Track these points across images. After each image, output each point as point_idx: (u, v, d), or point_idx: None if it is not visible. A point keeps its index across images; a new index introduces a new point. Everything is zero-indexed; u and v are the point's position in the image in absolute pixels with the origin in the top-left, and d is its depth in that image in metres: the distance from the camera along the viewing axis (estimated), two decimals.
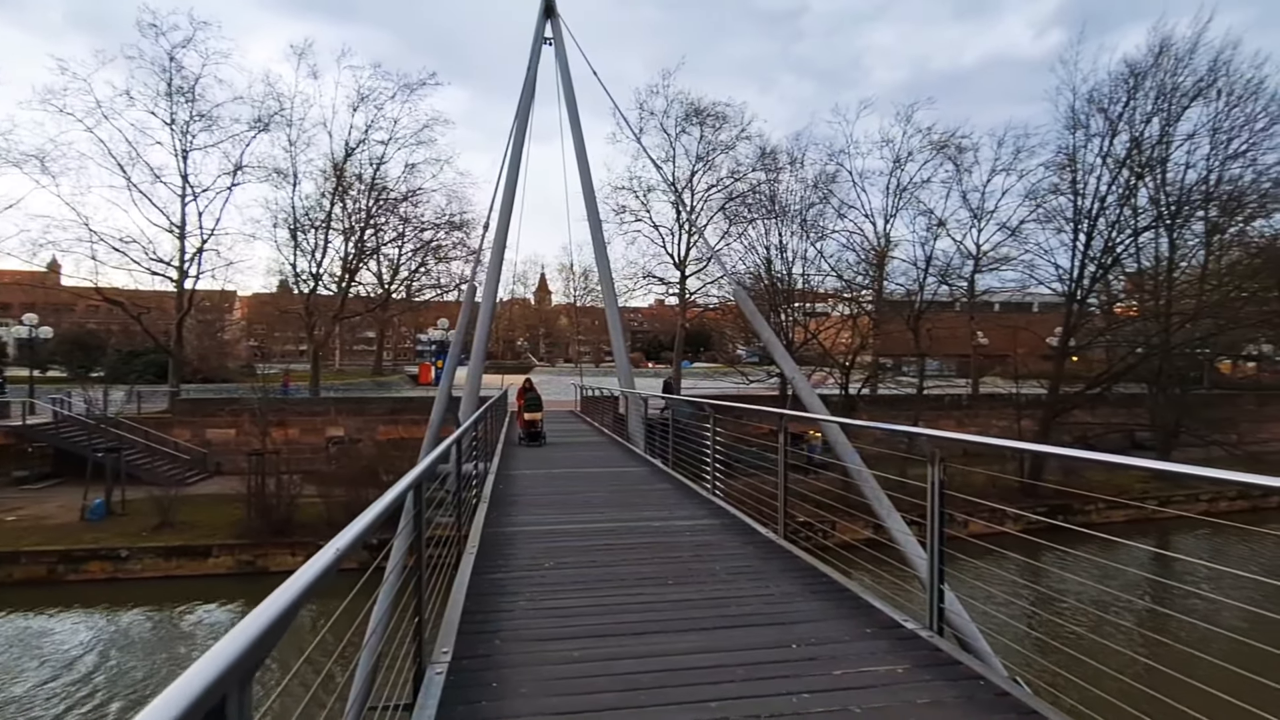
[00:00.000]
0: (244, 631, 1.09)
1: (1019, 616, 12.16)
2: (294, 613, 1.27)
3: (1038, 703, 2.97)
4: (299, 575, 1.38)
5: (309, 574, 1.40)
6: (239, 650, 1.03)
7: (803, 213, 29.87)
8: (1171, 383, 26.03)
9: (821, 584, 4.66)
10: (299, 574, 1.38)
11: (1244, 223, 27.90)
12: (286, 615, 1.22)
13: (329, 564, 1.50)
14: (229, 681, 0.98)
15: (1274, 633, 3.84)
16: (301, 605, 1.31)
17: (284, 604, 1.23)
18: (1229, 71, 24.78)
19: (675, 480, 9.52)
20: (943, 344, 33.22)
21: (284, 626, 1.21)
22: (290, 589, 1.29)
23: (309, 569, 1.42)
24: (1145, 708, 3.17)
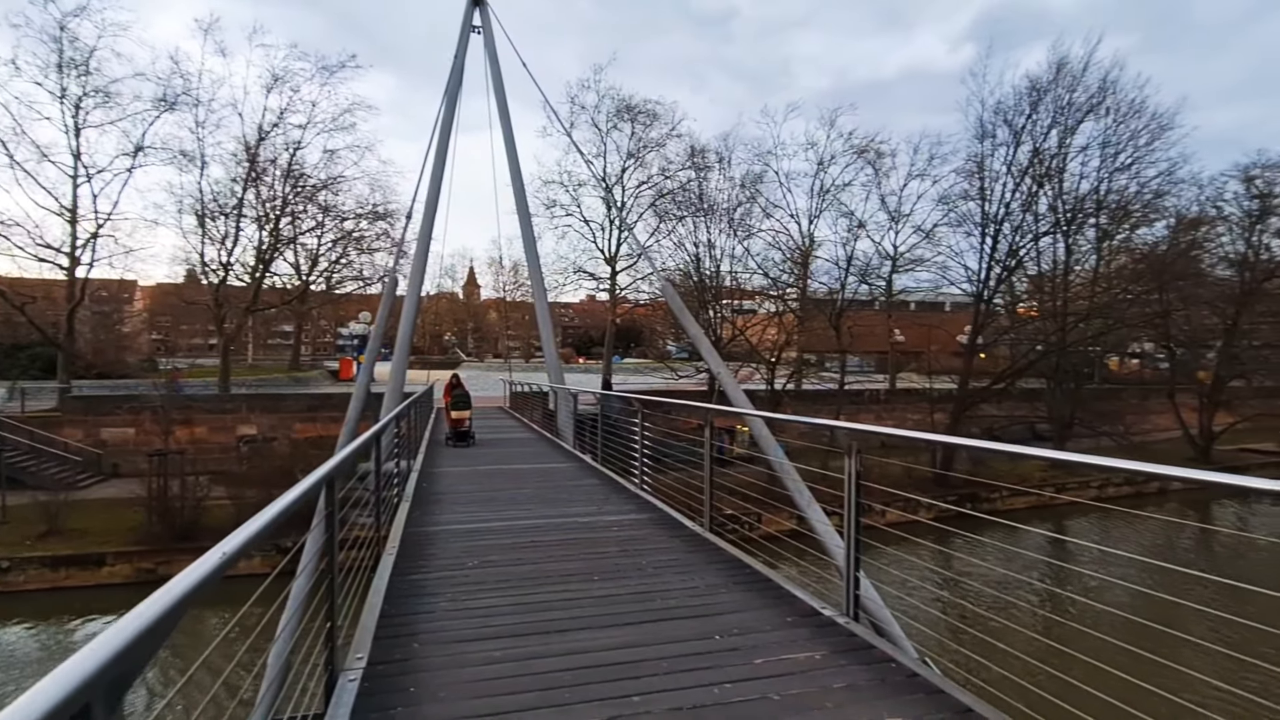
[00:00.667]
0: (113, 637, 1.01)
1: (931, 601, 12.81)
2: (172, 620, 1.17)
3: (944, 682, 3.12)
4: (178, 580, 1.27)
5: (189, 579, 1.29)
6: (106, 656, 0.96)
7: (731, 211, 30.42)
8: (1067, 378, 27.96)
9: (745, 575, 4.74)
10: (178, 579, 1.28)
11: (1130, 230, 30.32)
12: (162, 622, 1.13)
13: (213, 569, 1.39)
14: (94, 688, 0.92)
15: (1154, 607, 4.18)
16: (181, 612, 1.21)
17: (159, 610, 1.13)
18: (1116, 90, 26.89)
19: (604, 476, 9.50)
20: (863, 341, 34.54)
21: (161, 634, 1.12)
22: (167, 595, 1.19)
23: (190, 574, 1.32)
24: (1044, 683, 3.37)
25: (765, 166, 30.78)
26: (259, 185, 29.24)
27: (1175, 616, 2.87)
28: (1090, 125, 27.43)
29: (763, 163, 30.76)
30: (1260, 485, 1.75)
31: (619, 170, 30.85)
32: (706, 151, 30.84)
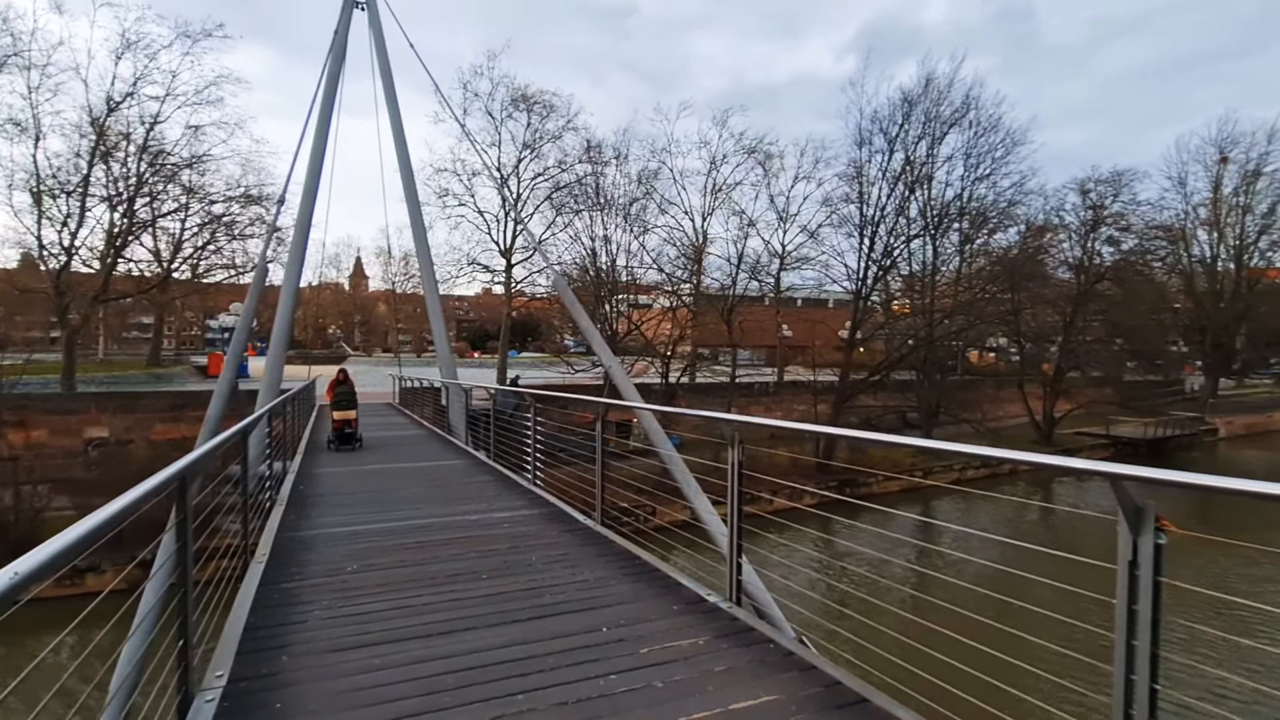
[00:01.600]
0: None
1: (810, 583, 13.53)
2: None
3: (817, 659, 3.31)
4: None
5: None
6: None
7: (627, 207, 30.63)
8: (934, 370, 30.31)
9: (634, 567, 4.82)
10: None
11: (988, 235, 33.32)
12: None
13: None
14: None
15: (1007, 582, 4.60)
16: None
17: None
18: (977, 106, 29.43)
19: (497, 472, 9.34)
20: (753, 335, 35.91)
21: None
22: None
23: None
24: (907, 654, 3.64)
25: (661, 163, 31.27)
26: (109, 161, 26.33)
27: (1021, 587, 3.17)
28: (955, 137, 29.90)
29: (658, 160, 31.23)
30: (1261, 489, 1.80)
31: (515, 161, 30.28)
32: (603, 146, 30.91)
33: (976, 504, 23.48)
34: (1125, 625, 2.21)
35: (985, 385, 36.44)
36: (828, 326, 33.58)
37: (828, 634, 6.74)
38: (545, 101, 29.62)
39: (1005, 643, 3.38)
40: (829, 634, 6.76)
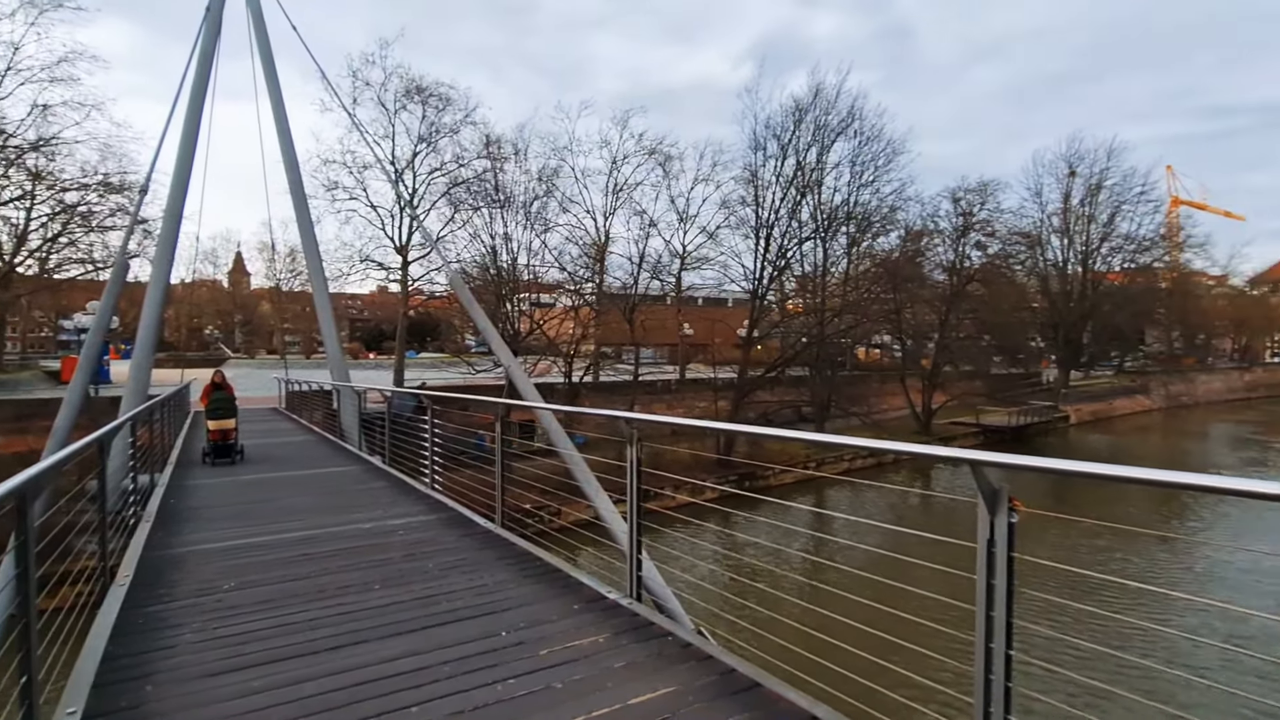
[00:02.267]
0: None
1: (711, 575, 13.90)
2: None
3: (714, 649, 3.41)
4: None
5: None
6: None
7: (528, 204, 30.22)
8: (825, 366, 31.89)
9: (535, 568, 4.78)
10: None
11: (872, 239, 35.40)
12: None
13: None
14: None
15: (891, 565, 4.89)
16: None
17: None
18: (861, 117, 31.27)
19: (392, 478, 8.98)
20: (655, 334, 36.42)
21: None
22: None
23: None
24: (803, 641, 3.81)
25: (562, 161, 31.07)
26: None
27: (902, 569, 3.39)
28: (842, 145, 31.62)
29: (559, 158, 31.01)
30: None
31: (410, 155, 29.15)
32: (503, 142, 30.32)
33: (864, 492, 24.92)
34: (984, 598, 2.41)
35: (872, 380, 38.70)
36: (727, 325, 34.56)
37: (726, 624, 6.95)
38: (441, 94, 28.71)
39: (887, 622, 3.60)
40: (727, 624, 6.97)
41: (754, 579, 12.35)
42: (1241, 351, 68.15)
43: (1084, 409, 44.30)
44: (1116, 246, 47.40)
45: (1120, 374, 54.72)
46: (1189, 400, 53.62)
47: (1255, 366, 65.73)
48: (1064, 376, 46.10)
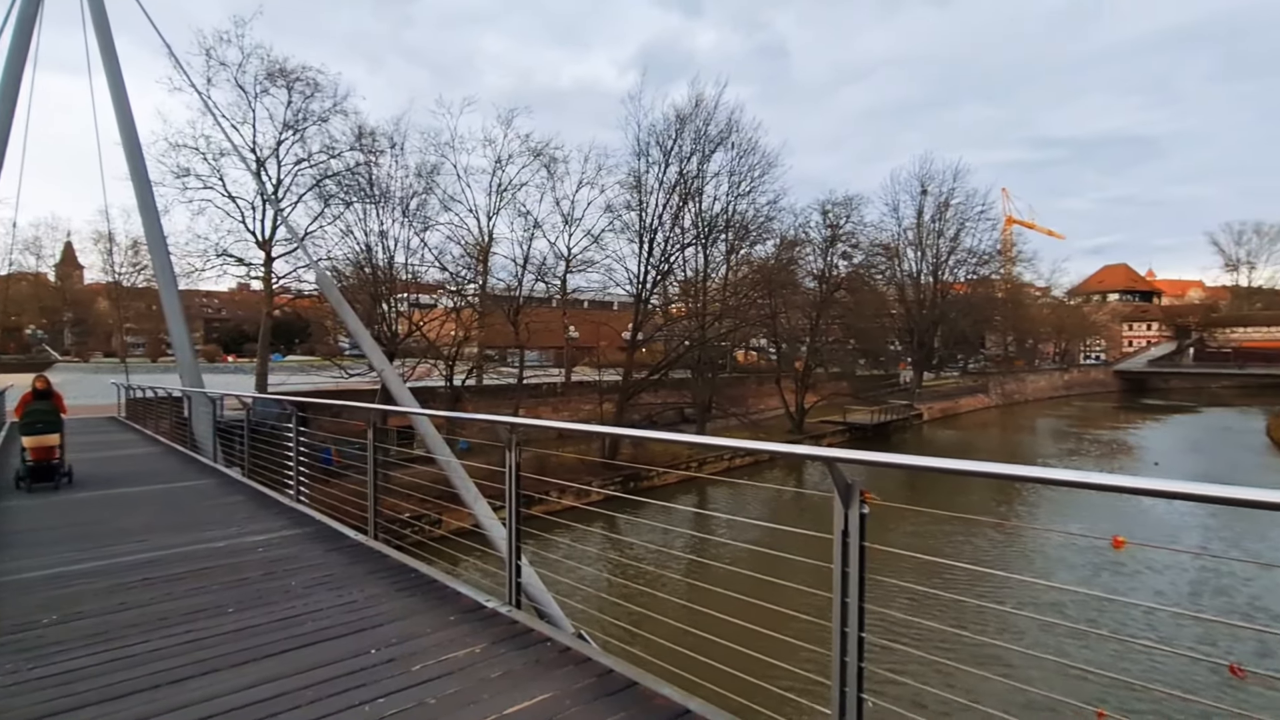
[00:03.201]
0: None
1: (593, 578, 13.97)
2: None
3: (593, 651, 3.45)
4: None
5: None
6: None
7: (406, 201, 29.01)
8: (707, 369, 32.93)
9: (409, 580, 4.61)
10: None
11: (750, 246, 37.00)
12: None
13: None
14: None
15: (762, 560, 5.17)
16: None
17: None
18: (739, 129, 32.61)
19: (251, 491, 8.33)
20: (541, 337, 36.04)
21: None
22: None
23: None
24: (679, 638, 3.91)
25: (443, 158, 30.09)
26: None
27: (771, 563, 3.57)
28: (721, 155, 32.81)
29: (440, 154, 30.02)
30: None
31: (273, 143, 27.09)
32: (378, 134, 28.89)
33: (743, 490, 25.96)
34: (840, 585, 2.61)
35: (750, 381, 40.42)
36: (612, 328, 34.85)
37: (607, 626, 7.03)
38: (308, 79, 26.90)
39: (757, 613, 3.78)
40: (608, 626, 7.05)
41: (636, 579, 12.54)
42: (1061, 354, 77.39)
43: (935, 407, 48.59)
44: (961, 259, 52.47)
45: (964, 375, 60.56)
46: (1020, 398, 60.26)
47: (1072, 368, 74.90)
48: (918, 377, 50.31)
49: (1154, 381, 74.11)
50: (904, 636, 7.62)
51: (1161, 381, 74.04)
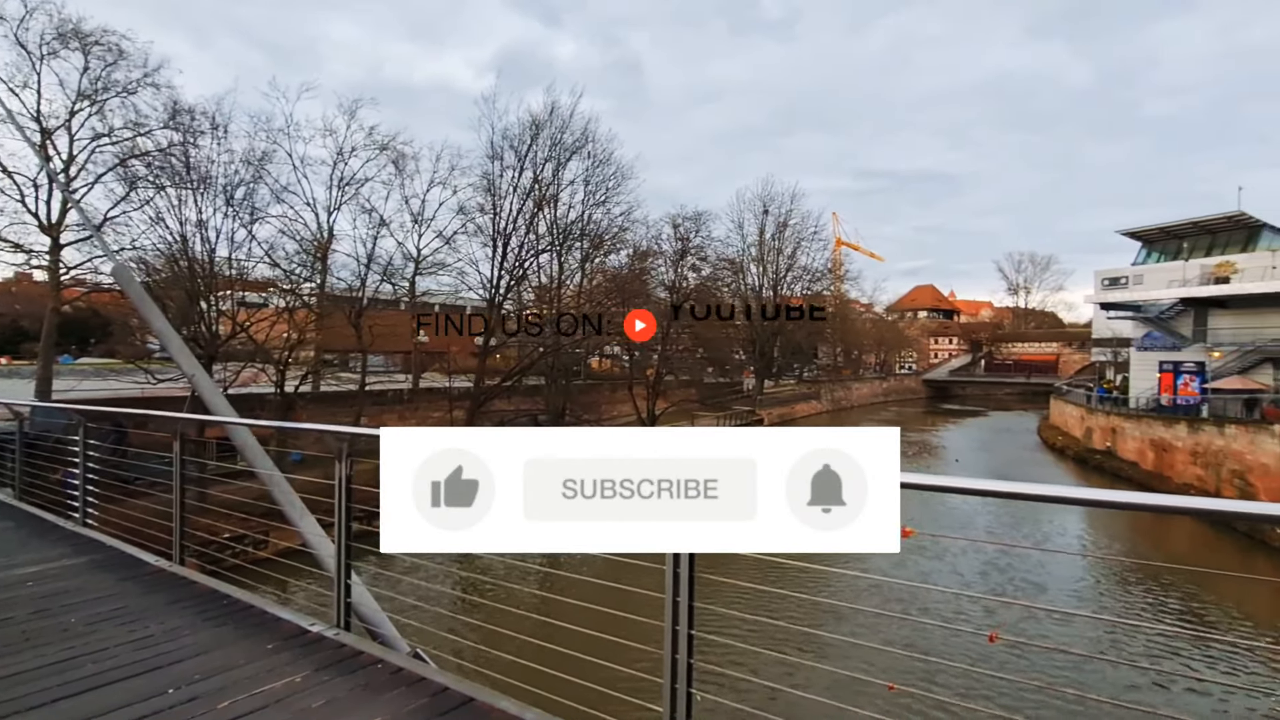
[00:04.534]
0: None
1: (436, 594, 13.46)
2: None
3: (429, 670, 3.32)
4: None
5: None
6: None
7: (230, 188, 26.31)
8: (561, 375, 32.93)
9: (221, 608, 4.18)
10: None
11: (604, 255, 37.59)
12: None
13: None
14: None
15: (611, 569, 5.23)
16: None
17: None
18: (594, 140, 33.11)
19: (24, 515, 7.14)
20: (387, 340, 34.17)
21: None
22: None
23: None
24: (521, 650, 3.86)
25: (275, 145, 27.67)
26: None
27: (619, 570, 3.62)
28: (576, 164, 33.12)
29: (272, 140, 27.59)
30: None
31: (65, 113, 23.44)
32: (196, 113, 25.92)
33: None
34: (671, 585, 2.73)
35: (603, 388, 40.91)
36: None
37: (450, 643, 6.80)
38: (110, 44, 23.61)
39: (599, 619, 3.84)
40: (451, 643, 6.82)
41: (484, 592, 12.22)
42: (881, 365, 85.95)
43: (774, 412, 51.98)
44: (798, 275, 56.82)
45: (800, 382, 65.40)
46: (847, 403, 66.13)
47: (890, 377, 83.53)
48: (760, 385, 53.59)
49: (954, 389, 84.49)
50: (731, 630, 8.10)
51: (960, 389, 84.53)
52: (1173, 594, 16.28)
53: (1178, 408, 30.98)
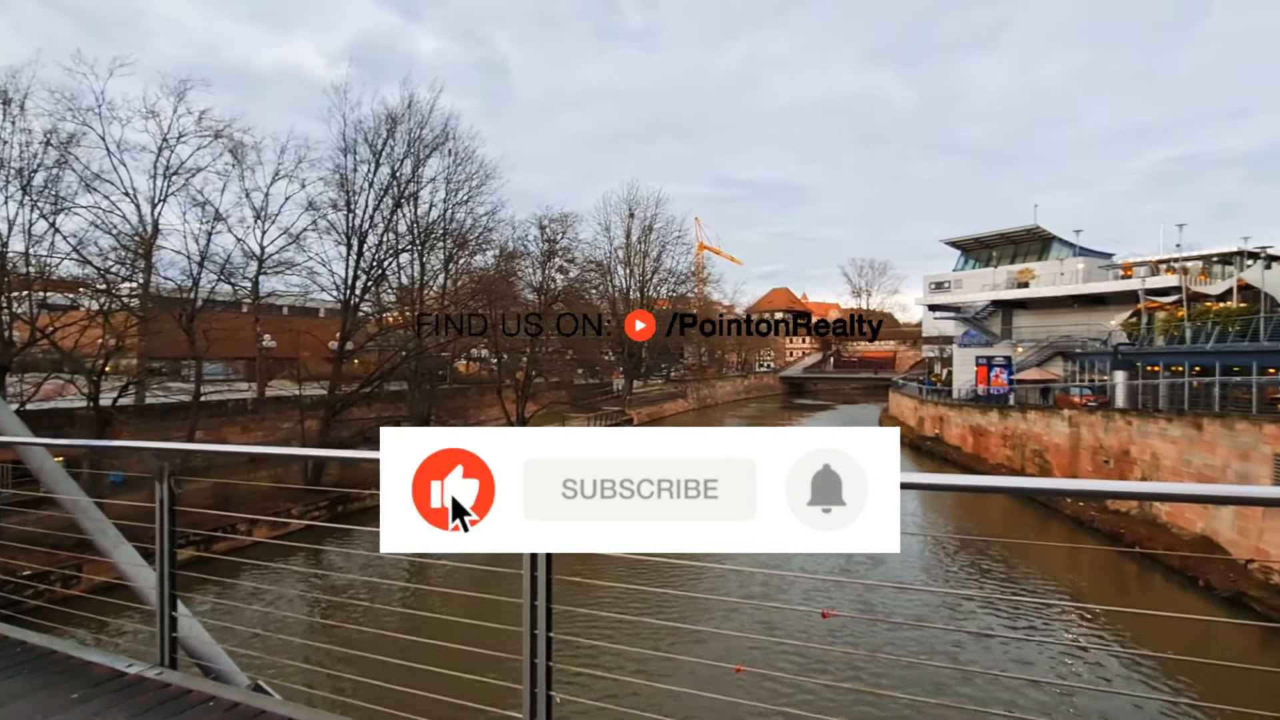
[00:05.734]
0: None
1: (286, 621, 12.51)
2: None
3: (272, 702, 3.12)
4: None
5: None
6: None
7: (27, 173, 22.84)
8: (425, 379, 31.67)
9: (12, 658, 3.66)
10: None
11: (469, 256, 36.59)
12: None
13: None
14: None
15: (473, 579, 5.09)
16: None
17: None
18: (455, 137, 32.18)
19: None
20: (226, 346, 31.16)
21: None
22: None
23: None
24: (386, 675, 3.69)
25: (86, 127, 24.38)
26: None
27: (486, 580, 3.57)
28: (437, 161, 31.96)
29: (82, 121, 24.27)
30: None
31: None
32: None
33: None
34: (529, 589, 2.75)
35: (471, 392, 39.85)
36: (316, 337, 31.57)
37: (299, 672, 6.36)
38: None
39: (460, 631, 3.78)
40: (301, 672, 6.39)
41: (339, 614, 11.53)
42: (743, 364, 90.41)
43: (643, 411, 53.10)
44: (664, 278, 58.52)
45: (668, 382, 67.28)
46: (712, 401, 68.93)
47: (751, 374, 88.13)
48: (629, 385, 54.51)
49: (808, 385, 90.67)
50: (593, 629, 8.27)
51: (813, 385, 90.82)
52: (995, 562, 18.49)
53: (991, 397, 35.12)
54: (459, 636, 3.64)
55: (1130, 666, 11.84)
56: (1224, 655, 11.64)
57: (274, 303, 34.85)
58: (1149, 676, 11.36)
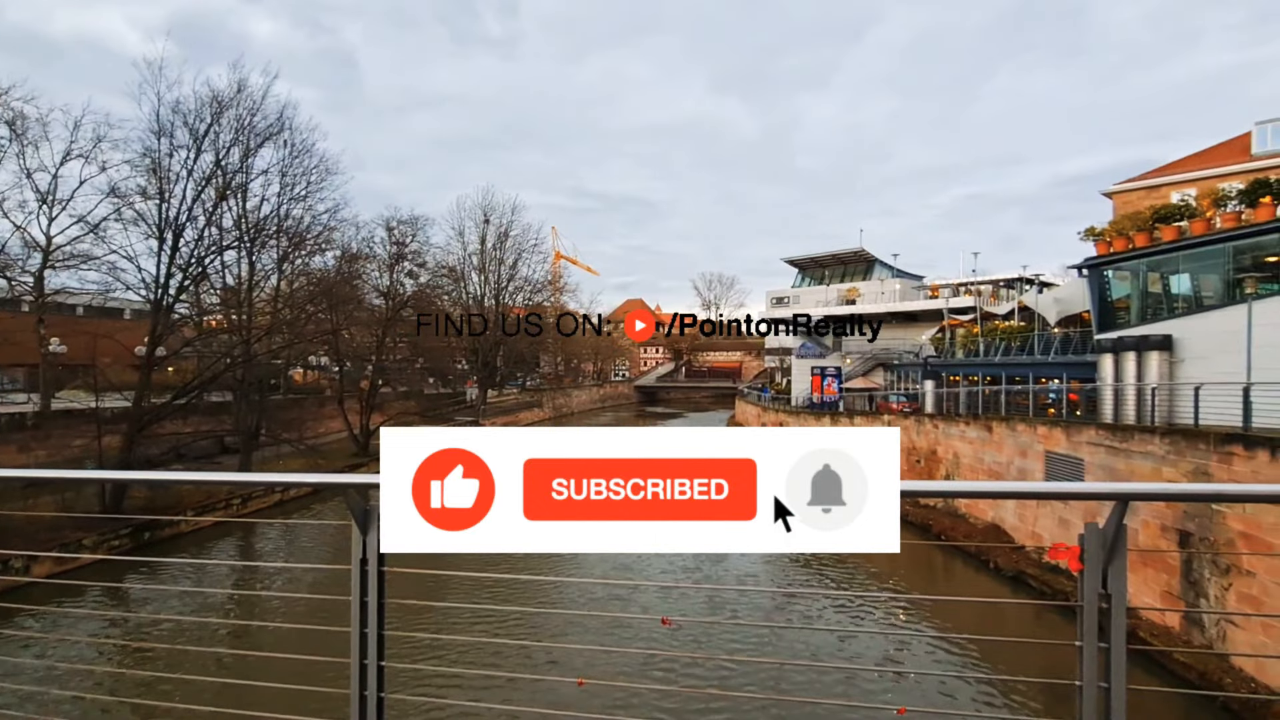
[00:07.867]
0: None
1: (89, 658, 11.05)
2: None
3: None
4: None
5: None
6: None
7: None
8: (253, 390, 29.00)
9: None
10: None
11: (307, 256, 34.06)
12: None
13: None
14: None
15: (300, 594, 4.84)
16: None
17: None
18: (292, 128, 29.89)
19: None
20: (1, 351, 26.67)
21: None
22: None
23: None
24: (208, 700, 3.47)
25: None
26: None
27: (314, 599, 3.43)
28: (271, 152, 29.51)
29: None
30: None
31: None
32: None
33: (296, 528, 23.55)
34: (359, 612, 2.74)
35: (309, 403, 37.02)
36: (120, 341, 27.78)
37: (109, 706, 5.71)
38: None
39: (286, 639, 3.64)
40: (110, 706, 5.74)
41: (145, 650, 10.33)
42: (598, 373, 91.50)
43: (498, 421, 52.06)
44: (519, 286, 57.87)
45: (523, 391, 66.53)
46: (568, 410, 69.10)
47: (606, 383, 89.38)
48: (483, 395, 53.25)
49: (661, 393, 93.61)
50: (426, 627, 8.14)
51: (666, 393, 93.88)
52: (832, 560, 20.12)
53: (825, 404, 38.30)
54: (289, 645, 3.52)
55: (939, 647, 13.45)
56: (1009, 631, 13.58)
57: (65, 301, 30.37)
58: (957, 656, 12.97)
